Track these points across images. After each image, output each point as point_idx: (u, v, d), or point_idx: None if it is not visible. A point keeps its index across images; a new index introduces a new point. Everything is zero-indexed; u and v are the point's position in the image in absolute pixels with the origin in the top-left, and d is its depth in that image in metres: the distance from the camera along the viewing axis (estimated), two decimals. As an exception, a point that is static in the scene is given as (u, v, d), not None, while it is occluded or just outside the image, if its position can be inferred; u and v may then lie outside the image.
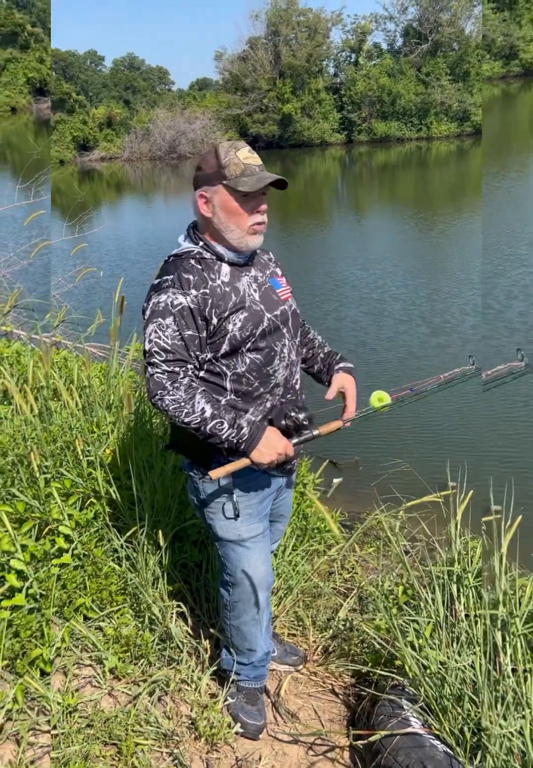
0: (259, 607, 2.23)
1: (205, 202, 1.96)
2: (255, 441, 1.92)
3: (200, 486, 2.12)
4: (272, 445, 1.94)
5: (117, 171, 30.45)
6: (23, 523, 2.59)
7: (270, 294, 2.06)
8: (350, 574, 3.15)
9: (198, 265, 1.95)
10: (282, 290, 2.11)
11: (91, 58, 64.63)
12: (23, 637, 2.34)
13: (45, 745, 2.16)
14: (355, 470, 4.99)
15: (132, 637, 2.49)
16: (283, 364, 2.06)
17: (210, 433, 1.91)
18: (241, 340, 1.96)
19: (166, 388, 1.90)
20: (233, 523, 2.10)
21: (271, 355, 2.02)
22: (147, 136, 32.36)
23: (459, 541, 2.48)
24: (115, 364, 3.34)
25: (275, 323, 2.03)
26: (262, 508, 2.17)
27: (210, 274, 1.95)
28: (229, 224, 1.95)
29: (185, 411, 1.90)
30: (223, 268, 1.98)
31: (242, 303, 1.97)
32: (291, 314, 2.11)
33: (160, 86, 59.94)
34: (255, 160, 1.94)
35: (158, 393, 1.91)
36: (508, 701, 1.97)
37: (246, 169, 1.91)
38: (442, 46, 32.06)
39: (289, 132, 31.83)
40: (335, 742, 2.29)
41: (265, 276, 2.08)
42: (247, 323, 1.96)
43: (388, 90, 31.24)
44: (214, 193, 1.94)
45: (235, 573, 2.18)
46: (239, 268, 2.02)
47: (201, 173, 1.96)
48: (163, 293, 1.91)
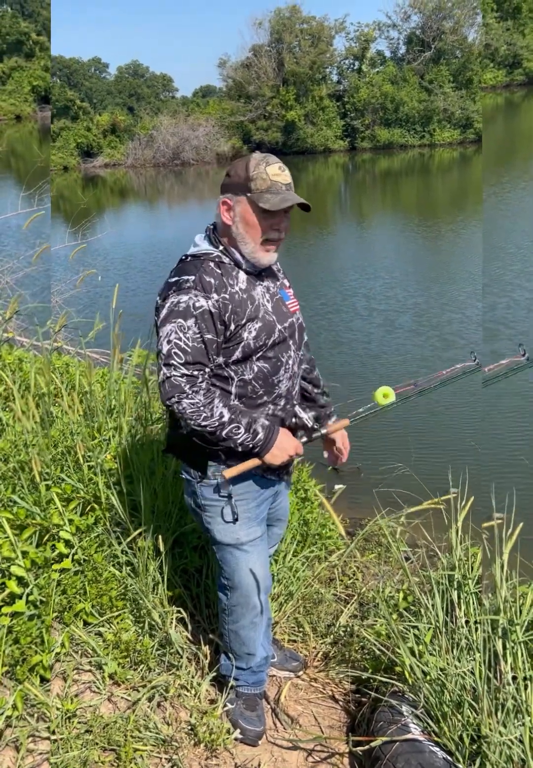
0: (257, 610, 2.24)
1: (227, 209, 1.96)
2: (270, 444, 1.96)
3: (198, 490, 2.12)
4: (284, 447, 1.99)
5: (120, 177, 30.56)
6: (24, 530, 2.59)
7: (280, 306, 2.07)
8: (351, 581, 3.14)
9: (217, 269, 1.95)
10: (291, 302, 2.13)
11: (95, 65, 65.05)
12: (23, 643, 2.34)
13: (44, 752, 2.16)
14: (357, 477, 4.98)
15: (132, 642, 2.49)
16: (287, 375, 2.08)
17: (225, 437, 1.92)
18: (253, 349, 1.97)
19: (184, 392, 1.89)
20: (232, 527, 2.11)
21: (278, 365, 2.04)
22: (150, 142, 32.48)
23: (460, 547, 2.47)
24: (115, 370, 3.34)
25: (283, 335, 2.05)
26: (260, 511, 2.17)
27: (229, 280, 1.95)
28: (245, 236, 1.96)
29: (203, 415, 1.89)
30: (241, 276, 1.99)
31: (257, 312, 1.98)
32: (297, 327, 2.13)
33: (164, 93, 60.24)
34: (283, 179, 1.94)
35: (176, 396, 1.89)
36: (508, 709, 1.96)
37: (272, 186, 1.92)
38: (445, 54, 32.15)
39: (293, 139, 31.92)
40: (335, 748, 2.29)
41: (275, 287, 2.10)
42: (261, 333, 1.97)
43: (391, 97, 31.33)
44: (236, 203, 1.95)
45: (233, 577, 2.18)
46: (254, 277, 2.03)
47: (228, 180, 1.97)
48: (184, 293, 1.90)
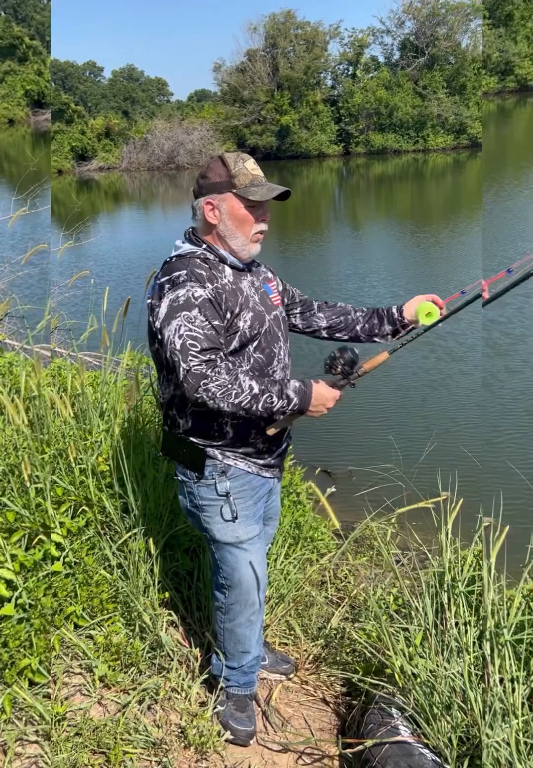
0: (256, 608, 2.25)
1: (211, 209, 2.00)
2: (306, 405, 1.95)
3: (195, 490, 2.12)
4: (322, 400, 1.98)
5: (115, 181, 30.57)
6: (13, 533, 2.58)
7: (265, 298, 2.12)
8: (343, 583, 3.15)
9: (204, 264, 1.99)
10: (274, 296, 2.18)
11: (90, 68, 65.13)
12: (12, 647, 2.33)
13: (32, 755, 2.15)
14: (349, 480, 4.99)
15: (122, 645, 2.48)
16: (280, 366, 2.12)
17: (261, 409, 1.91)
18: (249, 338, 2.00)
19: (208, 376, 1.86)
20: (231, 526, 2.12)
21: (271, 356, 2.08)
22: (145, 146, 32.53)
23: (450, 549, 2.48)
24: (107, 372, 3.34)
25: (272, 326, 2.09)
26: (257, 509, 2.19)
27: (217, 273, 1.99)
28: (235, 231, 2.01)
29: (234, 392, 1.87)
30: (227, 270, 2.03)
31: (247, 303, 2.02)
32: (282, 320, 2.18)
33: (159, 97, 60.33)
34: (260, 172, 2.03)
35: (202, 384, 1.86)
36: (496, 710, 1.97)
37: (254, 180, 1.99)
38: (439, 60, 32.36)
39: (287, 143, 32.03)
40: (325, 750, 2.29)
41: (259, 281, 2.15)
42: (254, 322, 2.01)
43: (385, 102, 31.50)
44: (222, 201, 1.99)
45: (233, 576, 2.19)
46: (239, 272, 2.07)
47: (207, 181, 2.00)
48: (180, 288, 1.91)
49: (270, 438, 2.10)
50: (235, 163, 1.99)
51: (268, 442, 2.12)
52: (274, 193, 1.99)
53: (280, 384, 1.95)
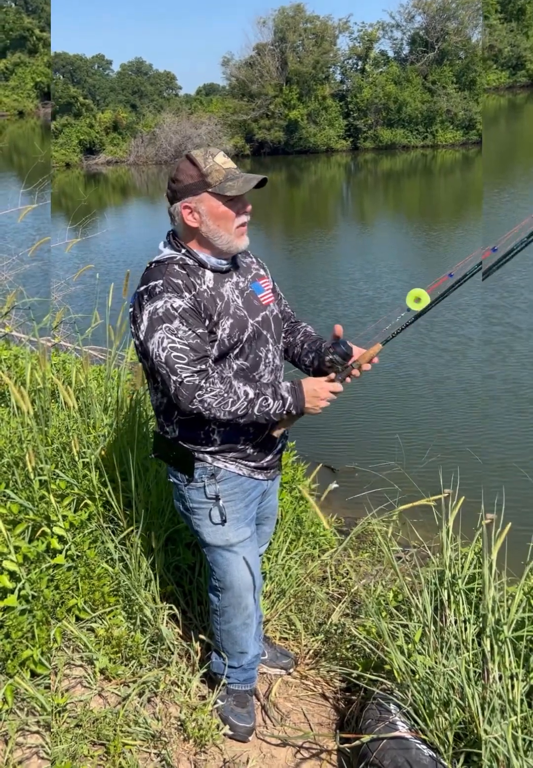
0: (249, 611, 2.25)
1: (189, 212, 1.93)
2: (301, 402, 1.95)
3: (186, 493, 2.12)
4: (316, 394, 1.97)
5: (122, 175, 30.57)
6: (17, 525, 2.60)
7: (251, 299, 2.05)
8: (344, 579, 3.16)
9: (182, 270, 1.94)
10: (263, 295, 2.10)
11: (98, 62, 65.06)
12: (14, 638, 2.35)
13: (33, 746, 2.18)
14: (352, 476, 5.00)
15: (123, 638, 2.50)
16: (268, 370, 2.07)
17: (258, 413, 1.91)
18: (228, 347, 1.96)
19: (202, 387, 1.86)
20: (221, 529, 2.11)
21: (257, 360, 2.03)
22: (153, 140, 32.49)
23: (451, 546, 2.49)
24: (111, 366, 3.36)
25: (258, 329, 2.03)
26: (248, 512, 2.17)
27: (195, 279, 1.93)
28: (218, 230, 1.94)
29: (230, 400, 1.88)
30: (207, 275, 1.97)
31: (227, 309, 1.96)
32: (272, 319, 2.11)
33: (167, 91, 60.23)
34: (231, 164, 1.95)
35: (196, 395, 1.86)
36: (494, 707, 1.98)
37: (227, 174, 1.92)
38: (449, 55, 32.14)
39: (295, 138, 31.92)
40: (323, 745, 2.30)
41: (246, 281, 2.08)
42: (234, 329, 1.96)
43: (394, 97, 31.34)
44: (199, 202, 1.92)
45: (224, 578, 2.19)
46: (221, 275, 2.01)
47: (180, 185, 1.93)
48: (158, 299, 1.88)
49: (261, 442, 2.08)
50: (205, 160, 1.91)
51: (259, 446, 2.09)
52: (252, 184, 1.90)
53: (273, 386, 1.95)
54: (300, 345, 2.24)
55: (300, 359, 2.23)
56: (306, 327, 2.30)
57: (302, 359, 2.22)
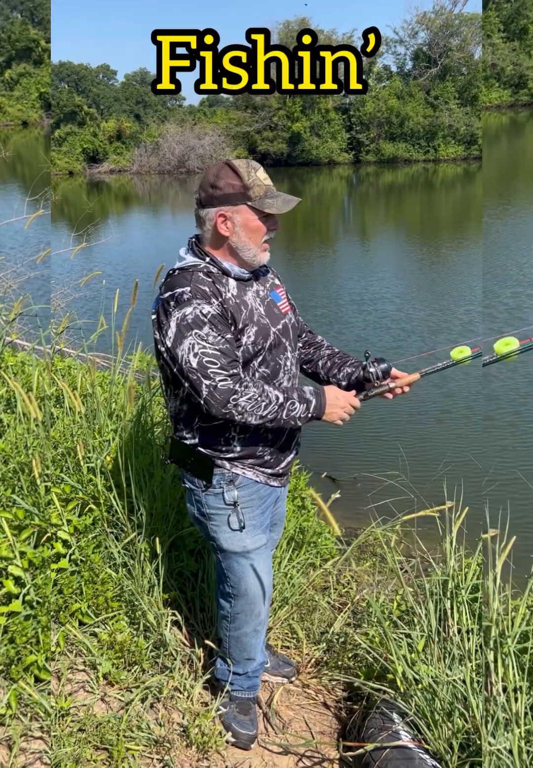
0: (261, 618, 2.26)
1: (224, 221, 1.94)
2: (323, 406, 1.99)
3: (203, 499, 2.12)
4: (337, 403, 2.01)
5: (125, 184, 30.70)
6: (23, 530, 2.60)
7: (272, 308, 2.08)
8: (345, 589, 3.16)
9: (207, 278, 1.94)
10: (282, 303, 2.14)
11: (103, 71, 65.37)
12: (19, 643, 2.35)
13: (36, 751, 2.17)
14: (354, 486, 5.01)
15: (126, 643, 2.50)
16: (287, 377, 2.09)
17: (286, 417, 1.94)
18: (253, 354, 1.98)
19: (237, 392, 1.87)
20: (238, 535, 2.12)
21: (277, 368, 2.06)
22: (156, 150, 32.64)
23: (454, 557, 2.49)
24: (116, 372, 3.37)
25: (279, 337, 2.06)
26: (264, 518, 2.19)
27: (220, 287, 1.94)
28: (248, 243, 1.96)
29: (263, 404, 1.90)
30: (230, 283, 1.98)
31: (252, 317, 1.98)
32: (291, 327, 2.14)
33: (171, 101, 60.47)
34: (271, 182, 1.98)
35: (231, 399, 1.87)
36: (498, 719, 1.98)
37: (268, 191, 1.94)
38: (451, 71, 32.42)
39: (298, 150, 32.11)
40: (325, 753, 2.30)
41: (265, 290, 2.10)
42: (258, 337, 1.98)
43: (397, 112, 31.57)
44: (235, 213, 1.93)
45: (239, 585, 2.19)
46: (244, 283, 2.03)
47: (219, 192, 1.93)
48: (187, 305, 1.88)
49: (278, 448, 2.11)
50: (248, 173, 1.92)
51: (277, 452, 2.12)
52: (291, 205, 1.94)
53: (299, 389, 1.99)
54: (328, 358, 2.29)
55: (329, 372, 2.27)
56: (326, 342, 2.36)
57: (331, 372, 2.26)
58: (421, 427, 6.40)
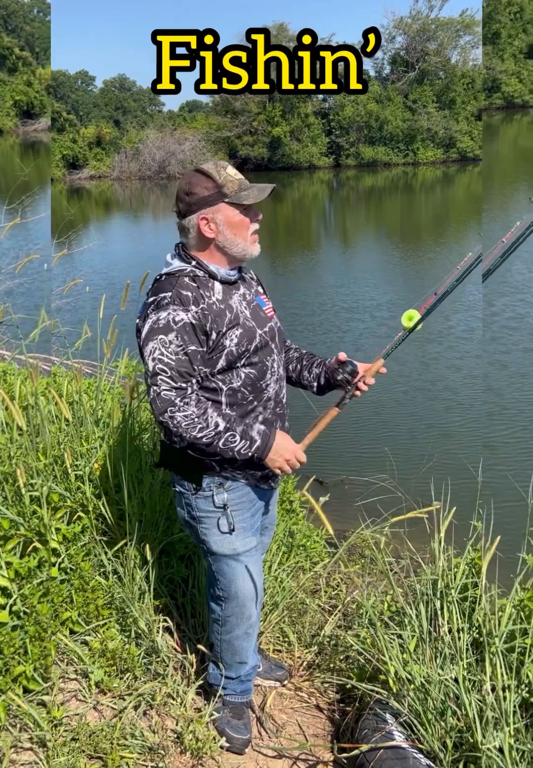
0: (252, 620, 2.26)
1: (206, 223, 1.98)
2: (267, 449, 1.98)
3: (193, 502, 2.13)
4: (281, 451, 2.01)
5: (106, 190, 30.59)
6: (8, 540, 2.58)
7: (258, 311, 2.10)
8: (335, 591, 3.17)
9: (193, 282, 1.97)
10: (267, 308, 2.16)
11: (81, 78, 64.98)
12: (6, 654, 2.32)
13: (27, 762, 2.16)
14: (341, 489, 5.02)
15: (118, 651, 2.49)
16: (274, 379, 2.12)
17: (222, 447, 1.94)
18: (237, 356, 2.00)
19: (175, 405, 1.89)
20: (228, 538, 2.12)
21: (263, 369, 2.07)
22: (137, 155, 32.58)
23: (443, 557, 2.51)
24: (102, 379, 3.36)
25: (265, 339, 2.08)
26: (254, 521, 2.20)
27: (205, 292, 1.97)
28: (234, 239, 2.00)
29: (199, 426, 1.91)
30: (216, 286, 2.01)
31: (237, 320, 2.00)
32: (277, 330, 2.17)
33: (151, 107, 60.33)
34: (241, 175, 2.04)
35: (168, 410, 1.89)
36: (488, 718, 2.00)
37: (241, 184, 1.99)
38: (429, 75, 32.76)
39: (278, 155, 32.22)
40: (319, 756, 2.31)
41: (251, 294, 2.13)
42: (243, 339, 2.00)
43: (376, 116, 31.80)
44: (216, 212, 1.97)
45: (229, 588, 2.19)
46: (230, 286, 2.05)
47: (195, 197, 1.97)
48: (163, 310, 1.91)
49: None
50: (218, 172, 1.98)
51: None
52: (266, 192, 1.99)
53: (245, 425, 1.98)
54: (296, 361, 2.31)
55: (300, 375, 2.30)
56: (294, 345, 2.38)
57: (302, 374, 2.29)
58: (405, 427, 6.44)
